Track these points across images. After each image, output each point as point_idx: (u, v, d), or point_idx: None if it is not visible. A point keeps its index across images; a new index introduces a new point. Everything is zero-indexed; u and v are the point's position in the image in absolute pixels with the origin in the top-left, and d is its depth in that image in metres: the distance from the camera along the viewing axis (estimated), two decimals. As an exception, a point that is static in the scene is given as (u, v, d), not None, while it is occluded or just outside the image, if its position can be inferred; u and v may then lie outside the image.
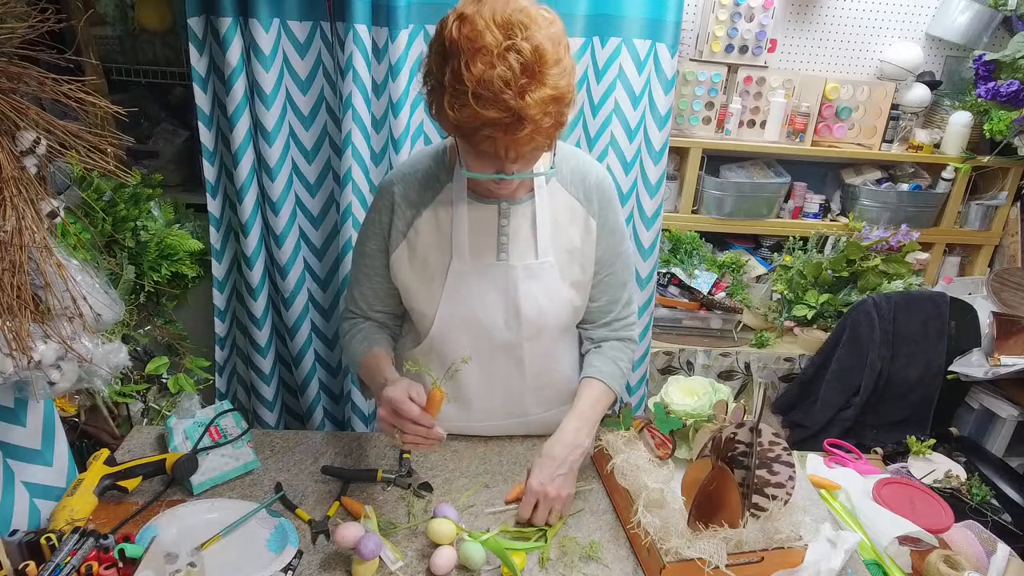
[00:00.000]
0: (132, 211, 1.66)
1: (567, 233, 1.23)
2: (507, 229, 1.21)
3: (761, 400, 1.06)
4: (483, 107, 0.95)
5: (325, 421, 2.19)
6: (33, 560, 0.91)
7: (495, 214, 1.20)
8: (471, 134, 1.01)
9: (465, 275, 1.21)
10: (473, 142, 1.03)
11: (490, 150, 1.03)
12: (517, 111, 0.95)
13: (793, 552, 1.03)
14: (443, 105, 0.99)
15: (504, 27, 0.95)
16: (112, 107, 0.98)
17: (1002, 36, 2.42)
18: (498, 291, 1.22)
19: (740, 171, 2.49)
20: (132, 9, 2.16)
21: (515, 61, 0.94)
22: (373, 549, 0.98)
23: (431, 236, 1.21)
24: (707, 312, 2.42)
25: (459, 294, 1.21)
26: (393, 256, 1.24)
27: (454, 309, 1.22)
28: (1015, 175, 2.51)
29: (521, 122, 0.97)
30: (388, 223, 1.23)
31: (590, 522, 1.18)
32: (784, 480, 1.05)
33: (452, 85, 0.97)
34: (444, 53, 0.98)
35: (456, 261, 1.20)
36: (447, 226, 1.20)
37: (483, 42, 0.94)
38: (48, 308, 0.96)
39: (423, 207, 1.21)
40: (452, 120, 0.99)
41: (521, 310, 1.22)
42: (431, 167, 1.22)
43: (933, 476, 1.59)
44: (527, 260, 1.21)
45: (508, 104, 0.95)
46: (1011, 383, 2.16)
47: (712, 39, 2.28)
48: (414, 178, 1.22)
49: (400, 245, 1.23)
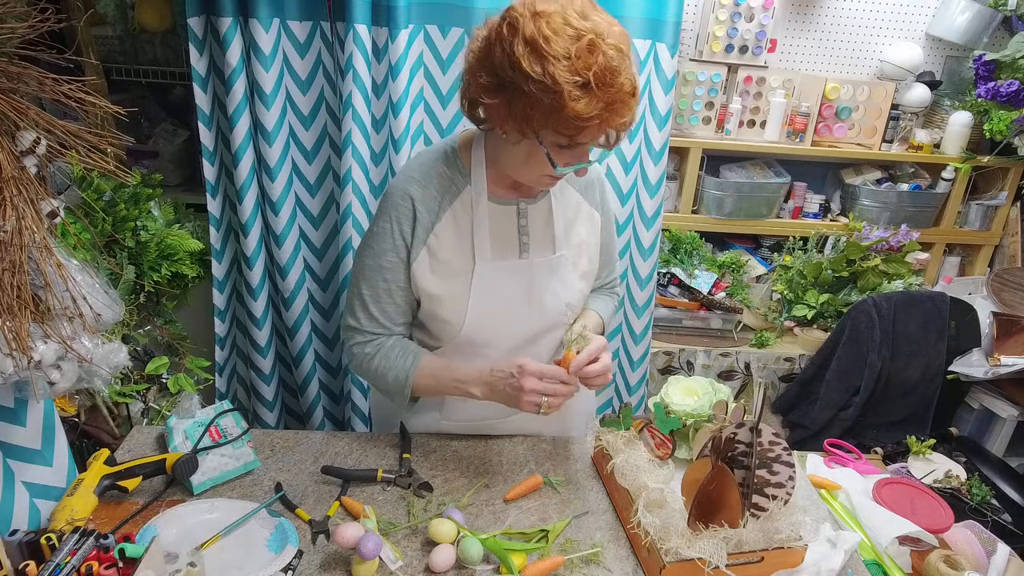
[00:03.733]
0: (132, 211, 1.66)
1: (576, 228, 1.29)
2: (527, 228, 1.23)
3: (761, 400, 1.06)
4: (604, 93, 0.97)
5: (325, 421, 2.19)
6: (33, 560, 0.91)
7: (514, 214, 1.22)
8: (580, 127, 1.01)
9: (490, 277, 1.21)
10: (575, 134, 1.03)
11: (586, 140, 1.05)
12: (631, 91, 1.00)
13: (793, 552, 1.03)
14: (555, 105, 0.98)
15: (583, 16, 0.98)
16: (112, 107, 0.98)
17: (1002, 36, 2.42)
18: (522, 288, 1.24)
19: (740, 171, 2.49)
20: (132, 9, 2.16)
21: (612, 45, 0.97)
22: (373, 549, 0.98)
23: (452, 241, 1.19)
24: (707, 312, 2.42)
25: (486, 296, 1.21)
26: (414, 265, 1.20)
27: (482, 312, 1.22)
28: (1015, 175, 2.51)
29: (631, 100, 1.01)
30: (410, 232, 1.18)
31: (590, 522, 1.18)
32: (784, 480, 1.05)
33: (568, 80, 0.96)
34: (539, 54, 0.96)
35: (480, 263, 1.20)
36: (467, 230, 1.19)
37: (586, 33, 0.96)
38: (48, 308, 0.96)
39: (442, 212, 1.19)
40: (570, 114, 0.98)
41: (544, 304, 1.26)
42: (444, 172, 1.19)
43: (933, 476, 1.60)
44: (546, 255, 1.25)
45: (623, 86, 0.98)
46: (1011, 383, 2.16)
47: (712, 39, 2.28)
48: (430, 183, 1.18)
49: (421, 253, 1.19)
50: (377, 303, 1.22)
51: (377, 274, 1.21)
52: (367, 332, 1.24)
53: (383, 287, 1.21)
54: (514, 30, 0.98)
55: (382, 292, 1.22)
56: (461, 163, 1.20)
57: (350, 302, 1.25)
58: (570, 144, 1.06)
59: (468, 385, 1.19)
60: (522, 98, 1.00)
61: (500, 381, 1.15)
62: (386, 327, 1.24)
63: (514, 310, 1.25)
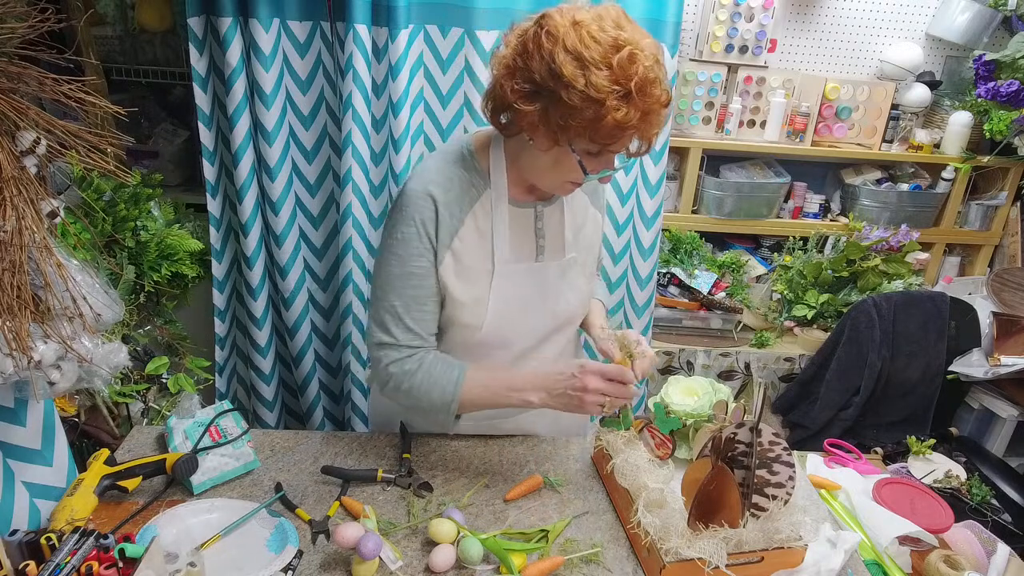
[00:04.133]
0: (132, 211, 1.66)
1: (584, 230, 1.31)
2: (543, 231, 1.24)
3: (761, 400, 1.06)
4: (642, 102, 0.99)
5: (325, 421, 2.19)
6: (33, 560, 0.91)
7: (532, 217, 1.22)
8: (617, 136, 1.02)
9: (509, 280, 1.20)
10: (610, 142, 1.04)
11: (618, 148, 1.06)
12: (666, 101, 1.02)
13: (793, 552, 1.03)
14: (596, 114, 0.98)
15: (619, 26, 0.99)
16: (112, 107, 0.98)
17: (1002, 36, 2.42)
18: (538, 292, 1.24)
19: (740, 171, 2.49)
20: (132, 9, 2.16)
21: (650, 55, 0.99)
22: (373, 549, 0.98)
23: (474, 244, 1.18)
24: (707, 312, 2.42)
25: (504, 300, 1.21)
26: (440, 269, 1.17)
27: (501, 316, 1.21)
28: (1015, 175, 2.51)
29: (664, 111, 1.03)
30: (435, 234, 1.15)
31: (590, 522, 1.18)
32: (784, 480, 1.05)
33: (609, 90, 0.97)
34: (582, 63, 0.97)
35: (500, 267, 1.19)
36: (488, 233, 1.18)
37: (626, 43, 0.97)
38: (48, 308, 0.96)
39: (464, 216, 1.16)
40: (610, 123, 0.99)
41: (556, 306, 1.27)
42: (463, 175, 1.16)
43: (933, 476, 1.60)
44: (559, 258, 1.26)
45: (659, 97, 1.01)
46: (1011, 383, 2.16)
47: (712, 39, 2.28)
48: (452, 186, 1.15)
49: (446, 258, 1.16)
50: (410, 313, 1.17)
51: (407, 282, 1.16)
52: (404, 347, 1.17)
53: (413, 295, 1.16)
54: (554, 39, 0.98)
55: (413, 301, 1.17)
56: (479, 166, 1.18)
57: (378, 318, 1.18)
58: (600, 152, 1.07)
59: (525, 392, 1.15)
60: (559, 106, 1.00)
61: (560, 383, 1.12)
62: (423, 338, 1.19)
63: (529, 312, 1.25)
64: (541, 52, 0.99)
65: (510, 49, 1.05)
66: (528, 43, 1.02)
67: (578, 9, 1.01)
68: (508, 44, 1.06)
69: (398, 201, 1.16)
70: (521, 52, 1.03)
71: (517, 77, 1.03)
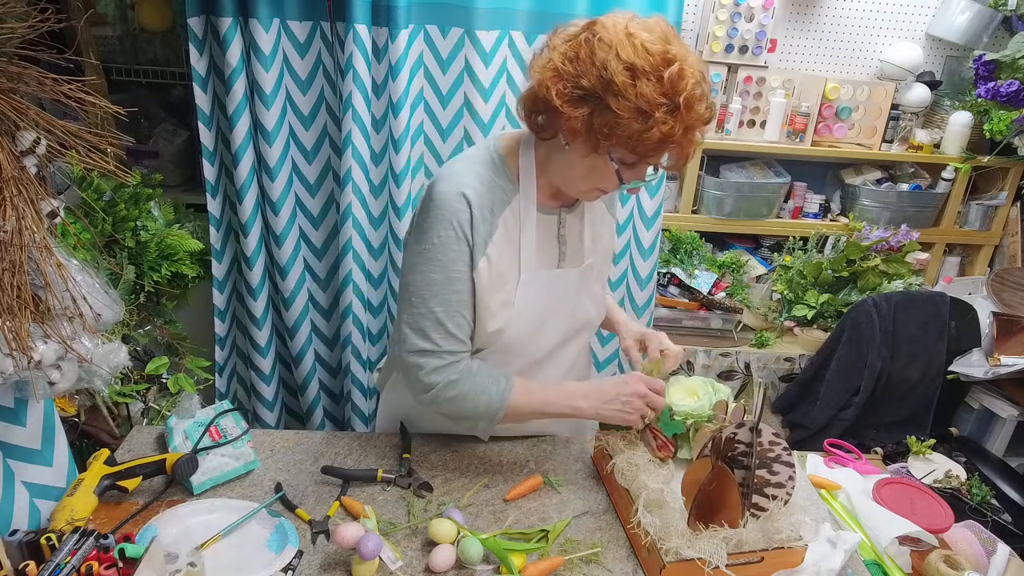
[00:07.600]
0: (132, 211, 1.66)
1: (601, 236, 1.31)
2: (565, 237, 1.24)
3: (761, 400, 1.06)
4: (687, 117, 1.00)
5: (325, 421, 2.19)
6: (33, 560, 0.91)
7: (556, 223, 1.22)
8: (659, 148, 1.03)
9: (533, 287, 1.20)
10: (650, 155, 1.04)
11: (655, 161, 1.07)
12: (709, 118, 1.04)
13: (793, 552, 1.03)
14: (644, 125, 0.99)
15: (668, 41, 1.00)
16: (112, 107, 0.98)
17: (1002, 36, 2.42)
18: (559, 298, 1.24)
19: (740, 171, 2.49)
20: (132, 9, 2.16)
21: (699, 71, 1.01)
22: (373, 549, 0.98)
23: (504, 248, 1.16)
24: (707, 312, 2.42)
25: (529, 306, 1.20)
26: (475, 274, 1.14)
27: (525, 322, 1.21)
28: (1015, 175, 2.51)
29: (704, 128, 1.05)
30: (472, 236, 1.12)
31: (590, 522, 1.18)
32: (784, 480, 1.05)
33: (659, 103, 0.98)
34: (635, 74, 0.97)
35: (525, 273, 1.18)
36: (515, 239, 1.17)
37: (676, 58, 0.99)
38: (48, 308, 0.96)
39: (496, 220, 1.14)
40: (656, 135, 0.99)
41: (577, 313, 1.27)
42: (494, 179, 1.14)
43: (933, 476, 1.59)
44: (578, 264, 1.26)
45: (703, 113, 1.02)
46: (1011, 383, 2.16)
47: (712, 39, 2.28)
48: (485, 190, 1.12)
49: (481, 263, 1.13)
50: (452, 319, 1.14)
51: (449, 287, 1.13)
52: (446, 354, 1.14)
53: (455, 299, 1.13)
54: (608, 47, 0.98)
55: (454, 307, 1.14)
56: (508, 170, 1.16)
57: (416, 325, 1.14)
58: (637, 163, 1.07)
59: (575, 399, 1.18)
60: (606, 114, 1.00)
61: (611, 388, 1.18)
62: (465, 343, 1.16)
63: (549, 319, 1.25)
64: (594, 59, 0.99)
65: (558, 53, 1.03)
66: (580, 49, 1.01)
67: (629, 19, 1.01)
68: (555, 48, 1.04)
69: (427, 205, 1.13)
70: (572, 57, 1.02)
71: (566, 80, 1.02)
